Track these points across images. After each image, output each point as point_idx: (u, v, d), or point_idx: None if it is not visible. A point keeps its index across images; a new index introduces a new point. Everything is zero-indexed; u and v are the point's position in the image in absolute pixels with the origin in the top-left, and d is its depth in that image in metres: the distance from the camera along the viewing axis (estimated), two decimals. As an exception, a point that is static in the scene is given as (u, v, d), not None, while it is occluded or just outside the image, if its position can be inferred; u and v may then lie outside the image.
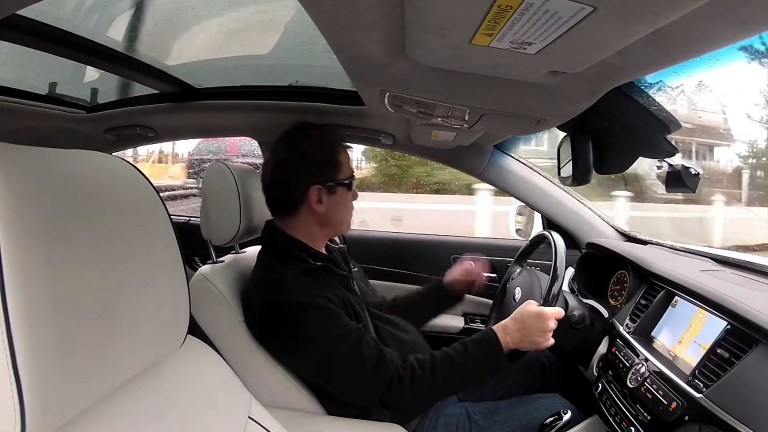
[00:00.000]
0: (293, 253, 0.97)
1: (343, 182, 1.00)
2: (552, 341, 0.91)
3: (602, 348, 1.00)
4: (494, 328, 0.92)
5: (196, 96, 1.30)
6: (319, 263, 0.97)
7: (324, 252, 1.05)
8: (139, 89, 1.34)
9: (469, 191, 5.74)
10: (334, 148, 1.01)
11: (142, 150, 6.01)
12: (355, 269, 1.16)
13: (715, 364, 0.69)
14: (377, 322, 1.02)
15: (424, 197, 5.94)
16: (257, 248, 1.13)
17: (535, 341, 0.89)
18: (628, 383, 0.83)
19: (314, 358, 0.89)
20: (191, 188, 5.46)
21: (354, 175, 1.04)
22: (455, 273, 1.20)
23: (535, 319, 0.90)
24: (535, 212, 1.55)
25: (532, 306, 0.92)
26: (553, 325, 0.90)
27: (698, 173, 0.94)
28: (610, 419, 0.87)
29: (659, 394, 0.75)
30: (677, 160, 0.97)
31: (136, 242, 0.43)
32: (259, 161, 1.73)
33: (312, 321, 0.87)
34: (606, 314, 1.09)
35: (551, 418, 0.93)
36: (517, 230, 1.60)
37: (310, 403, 0.94)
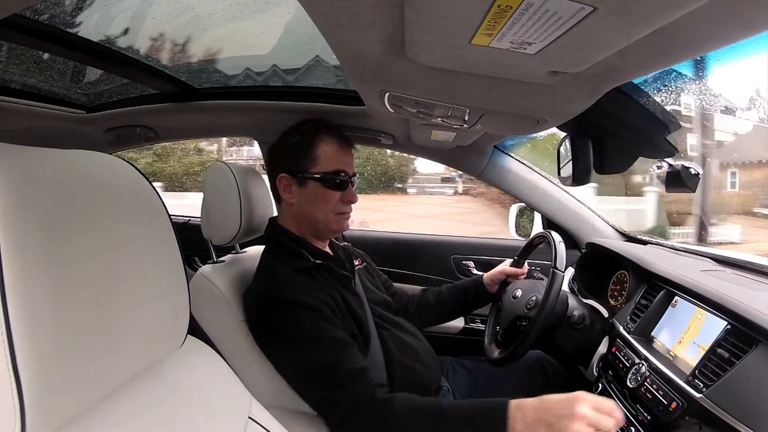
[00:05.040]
0: (292, 250, 0.96)
1: (314, 176, 0.96)
2: None
3: (602, 348, 1.00)
4: (511, 402, 0.75)
5: (197, 96, 1.30)
6: (318, 261, 0.95)
7: (326, 249, 1.04)
8: (139, 89, 1.34)
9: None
10: (312, 141, 0.97)
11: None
12: (363, 265, 1.16)
13: (715, 364, 0.69)
14: (381, 322, 1.01)
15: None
16: (258, 248, 1.12)
17: (553, 426, 0.69)
18: (628, 383, 0.83)
19: (291, 355, 0.86)
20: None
21: (342, 174, 0.97)
22: (495, 272, 1.23)
23: (564, 403, 0.70)
24: (535, 212, 1.55)
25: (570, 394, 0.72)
26: (588, 411, 0.68)
27: (698, 173, 0.94)
28: (610, 419, 0.87)
29: (659, 394, 0.75)
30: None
31: (136, 242, 0.43)
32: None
33: (298, 319, 0.85)
34: (606, 314, 1.09)
35: None
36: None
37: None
